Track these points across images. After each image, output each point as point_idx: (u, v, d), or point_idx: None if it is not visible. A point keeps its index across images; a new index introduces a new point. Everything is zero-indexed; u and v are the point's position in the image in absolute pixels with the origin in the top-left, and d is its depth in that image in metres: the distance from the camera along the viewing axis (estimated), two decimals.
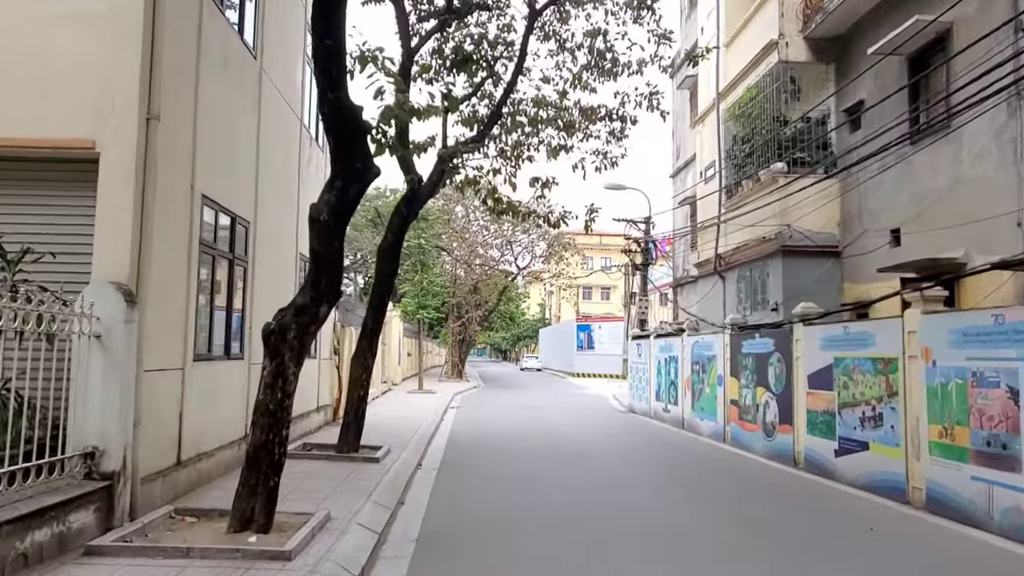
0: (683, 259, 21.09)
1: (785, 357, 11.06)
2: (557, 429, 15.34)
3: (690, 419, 15.54)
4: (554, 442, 13.07)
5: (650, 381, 19.09)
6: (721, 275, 14.65)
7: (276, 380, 5.30)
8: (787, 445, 10.89)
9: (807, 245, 12.17)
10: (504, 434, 14.10)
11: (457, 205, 34.34)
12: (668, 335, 17.58)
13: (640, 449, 12.78)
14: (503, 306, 41.13)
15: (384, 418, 15.44)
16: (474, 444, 12.56)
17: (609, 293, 74.62)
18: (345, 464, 9.08)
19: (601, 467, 10.34)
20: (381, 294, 9.91)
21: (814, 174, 12.20)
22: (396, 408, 18.16)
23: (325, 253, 5.33)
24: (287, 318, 5.29)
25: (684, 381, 16.03)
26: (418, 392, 24.02)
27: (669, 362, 17.36)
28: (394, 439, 11.80)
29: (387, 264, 9.78)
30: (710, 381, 14.40)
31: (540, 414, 18.90)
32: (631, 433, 15.32)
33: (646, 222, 22.37)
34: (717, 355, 13.97)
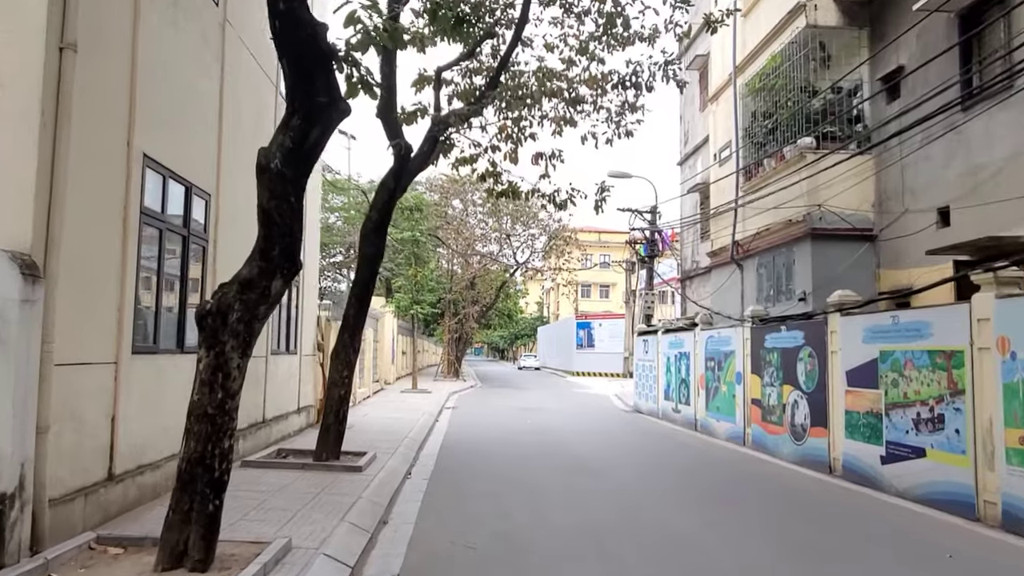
0: (692, 250, 19.93)
1: (818, 351, 9.90)
2: (560, 432, 14.16)
3: (704, 420, 14.38)
4: (557, 447, 11.89)
5: (658, 379, 17.93)
6: (739, 264, 13.49)
7: (215, 376, 4.11)
8: (820, 450, 9.73)
9: (840, 228, 11.01)
10: (503, 438, 12.92)
11: (455, 199, 33.18)
12: (678, 330, 16.42)
13: (652, 454, 11.61)
14: (501, 303, 39.92)
15: (373, 420, 14.24)
16: (470, 449, 11.38)
17: (608, 291, 73.55)
18: (322, 474, 7.89)
19: (611, 476, 9.17)
20: (365, 281, 8.72)
21: (845, 149, 11.04)
22: (387, 409, 16.97)
23: (278, 212, 4.15)
24: (229, 296, 4.11)
25: (697, 379, 14.87)
26: (412, 392, 22.84)
27: (680, 359, 16.20)
28: (382, 444, 10.61)
29: (371, 246, 8.59)
30: (727, 379, 13.24)
31: (541, 415, 17.73)
32: (640, 436, 14.15)
33: (652, 212, 21.21)
34: (736, 350, 12.81)
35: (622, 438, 13.60)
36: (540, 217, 32.32)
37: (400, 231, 22.79)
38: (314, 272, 12.98)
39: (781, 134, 11.89)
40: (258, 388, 9.42)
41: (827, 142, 11.28)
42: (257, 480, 7.33)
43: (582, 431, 14.44)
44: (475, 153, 11.20)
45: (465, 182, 32.72)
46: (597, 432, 14.48)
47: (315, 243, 13.23)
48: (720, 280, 14.70)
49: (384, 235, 8.81)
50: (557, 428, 14.72)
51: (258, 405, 9.43)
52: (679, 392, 16.19)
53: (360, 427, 12.78)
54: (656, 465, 10.42)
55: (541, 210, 31.99)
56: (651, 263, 21.19)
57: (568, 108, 10.78)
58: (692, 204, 19.64)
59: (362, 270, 8.71)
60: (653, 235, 20.95)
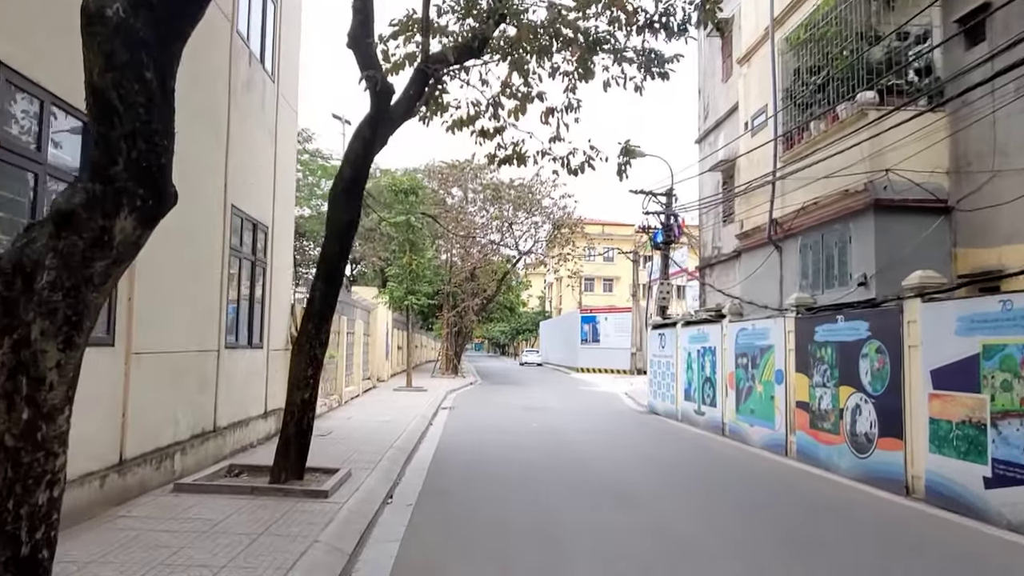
0: (713, 234, 18.17)
1: (889, 346, 8.15)
2: (571, 438, 12.42)
3: (733, 424, 12.64)
4: (570, 458, 10.15)
5: (677, 377, 16.19)
6: (777, 245, 11.74)
7: (16, 382, 2.36)
8: (893, 466, 7.99)
9: (911, 198, 9.24)
10: (506, 445, 11.18)
11: (454, 187, 31.41)
12: (702, 322, 14.66)
13: (683, 468, 9.87)
14: (503, 295, 38.15)
15: (358, 424, 12.51)
16: (467, 461, 9.63)
17: (612, 285, 71.81)
18: (275, 501, 6.15)
19: (645, 504, 7.42)
20: (334, 257, 6.96)
21: (914, 105, 9.26)
22: (376, 410, 15.23)
23: (122, 94, 2.39)
24: (37, 245, 2.35)
25: (725, 378, 13.12)
26: (406, 390, 21.10)
27: (703, 355, 14.44)
28: (362, 455, 8.87)
29: (342, 212, 6.83)
30: (763, 377, 11.50)
31: (547, 417, 15.99)
32: (662, 443, 12.40)
33: (668, 194, 19.42)
34: (775, 345, 11.07)
35: (643, 446, 11.86)
36: (544, 204, 30.57)
37: (394, 216, 21.02)
38: (286, 246, 11.21)
39: (834, 90, 10.11)
40: (206, 389, 7.68)
41: (891, 97, 9.51)
42: (183, 513, 5.59)
43: (596, 437, 12.70)
44: (474, 113, 9.49)
45: (465, 167, 31.06)
46: (613, 438, 12.74)
47: (287, 200, 11.41)
48: (752, 265, 12.94)
49: (359, 198, 7.04)
50: (567, 434, 12.97)
51: (206, 411, 7.68)
52: (702, 392, 14.45)
53: (341, 433, 11.05)
54: (694, 485, 8.67)
55: (545, 196, 30.30)
56: (667, 250, 19.42)
57: (584, 56, 8.98)
58: (713, 185, 17.87)
59: (331, 242, 6.94)
60: (669, 219, 19.17)
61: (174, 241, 6.74)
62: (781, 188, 11.71)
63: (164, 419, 6.61)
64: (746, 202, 13.10)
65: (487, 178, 30.62)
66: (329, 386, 15.68)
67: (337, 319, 16.27)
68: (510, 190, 29.97)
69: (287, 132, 10.78)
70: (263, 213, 9.73)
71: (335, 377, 16.00)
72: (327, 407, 14.40)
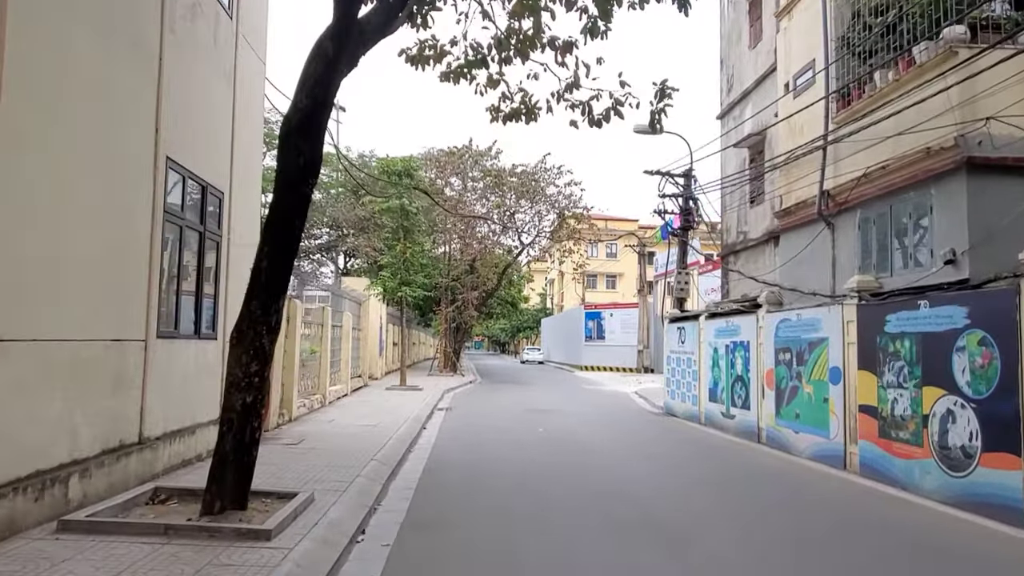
0: (738, 218, 16.44)
1: (998, 337, 6.43)
2: (585, 446, 10.71)
3: (773, 430, 10.92)
4: (589, 473, 8.43)
5: (700, 375, 14.47)
6: (828, 221, 10.01)
7: None
8: (1004, 489, 6.28)
9: (1012, 156, 7.50)
10: (510, 455, 9.46)
11: (453, 176, 29.65)
12: (731, 314, 12.93)
13: (725, 486, 8.14)
14: (503, 290, 36.40)
15: (338, 429, 10.79)
16: (465, 477, 7.91)
17: (615, 281, 70.14)
18: (194, 549, 4.42)
19: (694, 540, 5.70)
20: (288, 212, 5.21)
21: (1012, 42, 7.53)
22: (363, 412, 13.52)
23: None
24: None
25: (762, 376, 11.40)
26: (399, 389, 19.38)
27: (733, 350, 12.72)
28: (334, 471, 7.16)
29: (297, 153, 5.09)
30: (813, 376, 9.78)
31: (555, 420, 14.27)
32: (690, 452, 10.69)
33: (686, 176, 17.69)
34: (830, 338, 9.35)
35: (670, 456, 10.14)
36: (548, 193, 28.79)
37: (386, 200, 19.27)
38: (250, 219, 9.48)
39: (909, 29, 8.37)
40: (125, 390, 5.94)
41: (985, 33, 7.80)
42: (48, 572, 3.87)
43: (613, 444, 10.99)
44: (475, 57, 7.80)
45: (464, 154, 29.29)
46: (633, 446, 11.03)
47: (252, 163, 9.65)
48: (794, 247, 11.20)
49: (319, 136, 5.29)
50: (580, 440, 11.26)
51: (126, 417, 5.95)
52: (732, 392, 12.73)
53: (315, 441, 9.34)
54: (748, 513, 6.94)
55: (550, 184, 28.56)
56: (685, 236, 17.67)
57: None
58: (737, 163, 16.14)
59: (282, 194, 5.19)
60: (688, 202, 17.43)
61: (65, 183, 5.01)
62: (833, 155, 9.99)
63: (51, 431, 4.89)
64: (786, 175, 11.37)
65: (488, 164, 28.87)
66: (310, 385, 13.97)
67: (321, 311, 14.56)
68: (512, 177, 28.21)
69: (250, 81, 9.03)
70: (216, 175, 7.99)
71: (317, 375, 14.29)
72: (307, 408, 12.68)
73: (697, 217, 17.70)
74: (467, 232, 28.86)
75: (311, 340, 13.92)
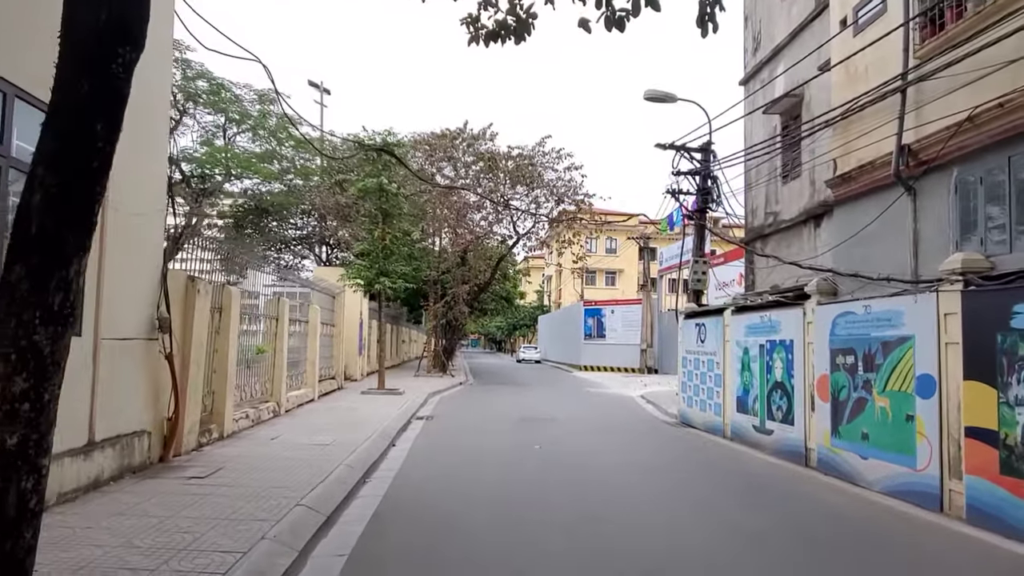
0: (767, 197, 14.17)
1: None
2: (591, 473, 8.44)
3: (827, 453, 8.66)
4: (600, 527, 6.15)
5: (724, 380, 12.22)
6: (908, 185, 7.75)
7: None
8: None
9: None
10: (497, 494, 7.18)
11: (444, 162, 27.31)
12: (766, 307, 10.67)
13: (784, 539, 5.85)
14: (497, 284, 34.08)
15: (279, 450, 8.47)
16: (426, 536, 5.60)
17: (615, 278, 67.99)
18: None
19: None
20: (81, 105, 2.91)
21: None
22: (322, 422, 11.22)
23: None
24: None
25: (812, 383, 9.15)
26: (377, 392, 17.09)
27: (770, 351, 10.47)
28: (227, 530, 4.87)
29: (95, 5, 2.85)
30: (891, 385, 7.53)
31: (552, 432, 12.01)
32: (724, 482, 8.41)
33: (704, 150, 15.42)
34: (917, 335, 7.10)
35: (694, 486, 7.86)
36: (547, 178, 26.47)
37: (360, 178, 16.96)
38: (150, 177, 7.18)
39: None
40: None
41: None
42: None
43: (626, 470, 8.72)
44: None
45: (456, 137, 27.00)
46: (648, 471, 8.75)
47: (154, 96, 7.38)
48: (855, 221, 8.94)
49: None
50: (586, 464, 8.98)
51: None
52: (768, 402, 10.48)
53: (235, 470, 7.04)
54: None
55: (548, 168, 26.26)
56: (702, 219, 15.39)
57: None
58: (765, 133, 13.87)
59: (73, 75, 2.90)
60: (706, 180, 15.15)
61: None
62: (915, 99, 7.74)
63: None
64: (843, 133, 9.10)
65: (482, 148, 26.55)
66: (261, 391, 11.68)
67: (275, 303, 12.25)
68: (507, 161, 25.90)
69: None
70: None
71: (270, 378, 11.99)
72: (251, 421, 10.40)
73: (716, 198, 15.40)
74: (458, 221, 26.56)
75: (261, 338, 11.64)
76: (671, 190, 15.85)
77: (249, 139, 27.74)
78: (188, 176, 26.96)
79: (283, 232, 31.23)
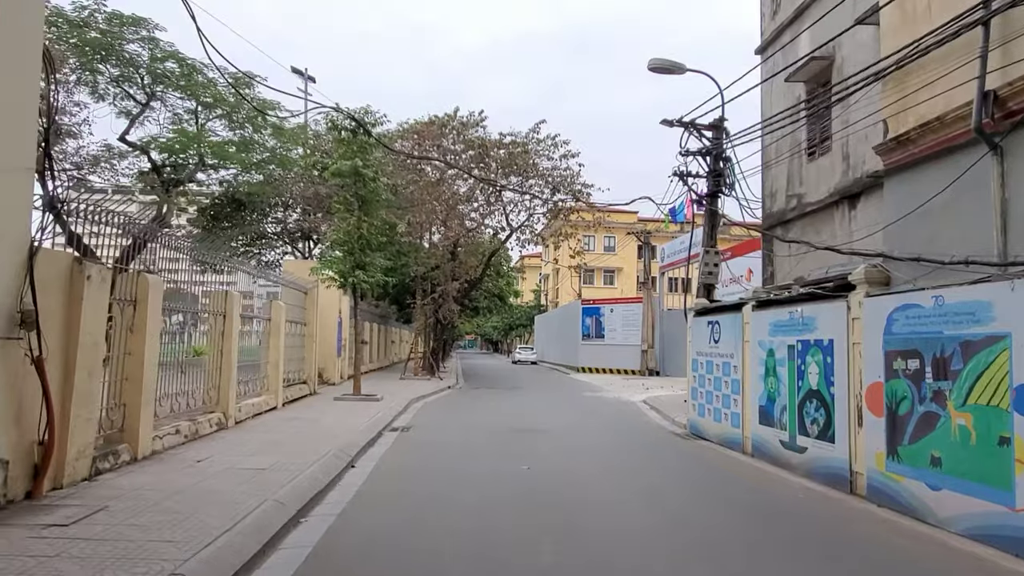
0: (788, 177, 12.51)
1: None
2: (590, 504, 6.76)
3: (880, 479, 6.98)
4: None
5: (743, 387, 10.56)
6: (994, 143, 6.09)
7: None
8: None
9: None
10: (472, 551, 5.50)
11: (431, 148, 25.56)
12: (797, 301, 8.99)
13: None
14: (490, 282, 32.35)
15: (199, 478, 6.75)
16: None
17: (614, 276, 66.40)
18: None
19: None
20: None
21: None
22: (273, 438, 9.51)
23: None
24: None
25: (859, 393, 7.47)
26: (351, 398, 15.38)
27: (803, 352, 8.79)
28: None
29: None
30: (974, 397, 5.85)
31: (545, 447, 10.34)
32: (752, 518, 6.74)
33: (716, 127, 13.74)
34: (1013, 334, 5.44)
35: (731, 530, 6.17)
36: (542, 168, 24.76)
37: (334, 161, 15.27)
38: (10, 125, 5.48)
39: None
40: None
41: None
42: None
43: (631, 501, 7.03)
44: None
45: (447, 123, 25.29)
46: (659, 501, 7.07)
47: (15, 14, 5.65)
48: (915, 194, 7.27)
49: None
50: (584, 493, 7.30)
51: None
52: (799, 414, 8.80)
53: (119, 512, 5.33)
54: None
55: (543, 156, 24.56)
56: (713, 204, 13.71)
57: None
58: (787, 104, 12.19)
59: None
60: (717, 161, 13.48)
61: None
62: (1000, 32, 6.08)
63: None
64: (899, 86, 7.43)
65: (473, 135, 24.85)
66: (204, 400, 9.98)
67: (223, 297, 10.57)
68: (499, 149, 24.19)
69: None
70: None
71: (215, 385, 10.28)
72: (183, 437, 8.70)
73: (729, 181, 13.70)
74: (448, 213, 24.83)
75: (199, 337, 9.94)
76: (679, 172, 14.17)
77: (224, 125, 26.01)
78: (159, 165, 25.25)
79: (262, 227, 29.50)
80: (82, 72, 22.10)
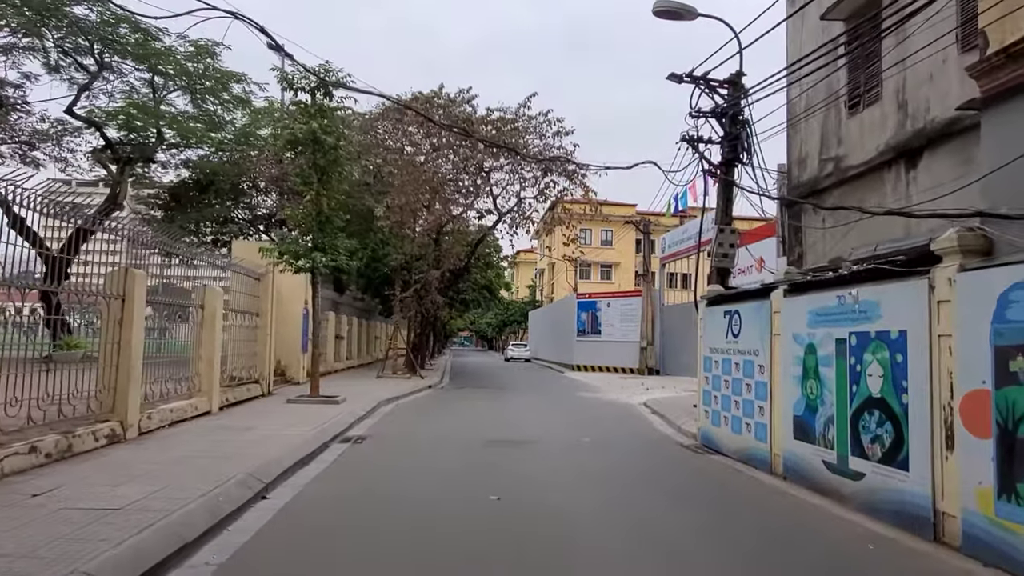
0: (822, 139, 10.42)
1: None
2: (573, 560, 4.66)
3: (988, 529, 4.90)
4: None
5: (771, 392, 8.49)
6: None
7: None
8: None
9: None
10: None
11: (412, 124, 23.40)
12: (844, 283, 6.89)
13: None
14: (478, 273, 30.21)
15: (10, 524, 4.61)
16: None
17: (611, 271, 64.30)
18: None
19: None
20: None
21: None
22: (168, 457, 7.38)
23: None
24: None
25: (955, 407, 5.38)
26: (307, 400, 13.27)
27: (858, 349, 6.70)
28: None
29: None
30: None
31: (525, 466, 8.25)
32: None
33: (733, 83, 11.66)
34: None
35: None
36: (533, 147, 22.59)
37: (288, 127, 13.15)
38: None
39: None
40: None
41: None
42: None
43: (648, 563, 4.94)
44: None
45: (432, 99, 23.12)
46: (688, 557, 4.98)
47: None
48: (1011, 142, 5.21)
49: None
50: (573, 558, 5.21)
51: None
52: (853, 428, 6.71)
53: None
54: None
55: (533, 134, 22.42)
56: (728, 173, 11.61)
57: None
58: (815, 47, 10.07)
59: None
60: (734, 123, 11.39)
61: None
62: None
63: None
64: None
65: (458, 111, 22.70)
66: (93, 405, 7.85)
67: (120, 276, 8.44)
68: (486, 125, 22.04)
69: None
70: None
71: (108, 387, 8.15)
72: (44, 457, 6.58)
73: (747, 147, 11.60)
74: (432, 196, 22.68)
75: (73, 328, 7.81)
76: (687, 137, 12.08)
77: (187, 102, 23.86)
78: (115, 143, 23.08)
79: (232, 212, 27.33)
80: (22, 36, 19.92)
